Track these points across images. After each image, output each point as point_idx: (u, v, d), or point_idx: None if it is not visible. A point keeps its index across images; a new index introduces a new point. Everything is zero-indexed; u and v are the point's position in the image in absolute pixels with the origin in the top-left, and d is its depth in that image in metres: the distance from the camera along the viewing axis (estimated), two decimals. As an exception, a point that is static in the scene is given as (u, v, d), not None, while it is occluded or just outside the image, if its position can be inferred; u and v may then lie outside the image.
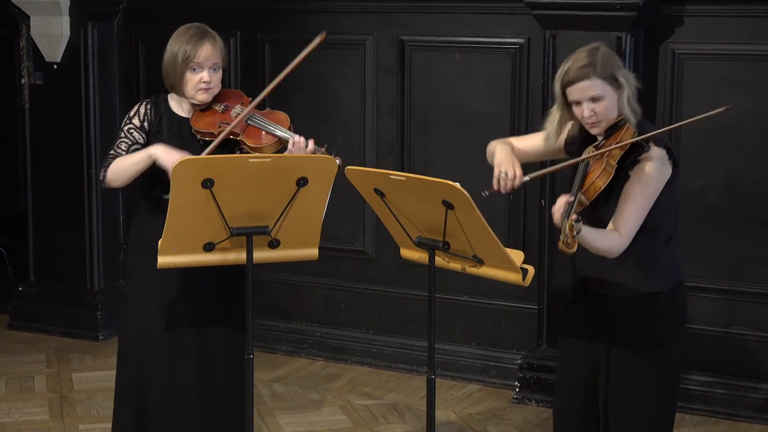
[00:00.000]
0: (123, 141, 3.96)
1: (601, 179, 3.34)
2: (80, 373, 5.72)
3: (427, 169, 5.49)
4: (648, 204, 3.41)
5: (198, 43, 3.93)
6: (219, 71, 3.97)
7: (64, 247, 6.32)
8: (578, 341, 3.58)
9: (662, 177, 3.44)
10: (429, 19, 5.57)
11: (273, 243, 3.64)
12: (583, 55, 3.47)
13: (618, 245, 3.38)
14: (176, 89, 3.98)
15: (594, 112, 3.44)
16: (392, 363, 5.79)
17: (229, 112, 3.96)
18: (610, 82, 3.44)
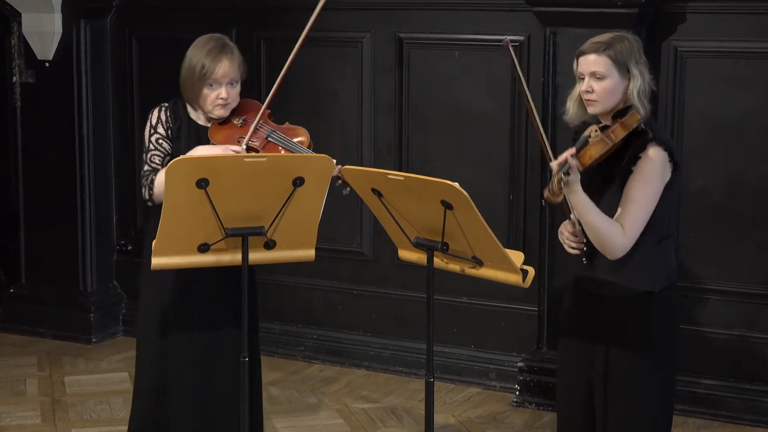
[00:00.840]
0: (155, 154, 3.97)
1: (597, 147, 3.38)
2: (73, 377, 5.72)
3: (425, 169, 5.49)
4: (651, 204, 3.43)
5: (216, 58, 3.92)
6: (237, 86, 3.98)
7: (56, 248, 6.32)
8: (575, 342, 3.62)
9: (663, 178, 3.46)
10: (427, 16, 5.57)
11: (269, 244, 3.63)
12: (607, 35, 3.52)
13: (621, 240, 3.41)
14: (192, 102, 3.99)
15: (593, 89, 3.48)
16: (390, 366, 5.79)
17: (248, 126, 3.96)
18: (619, 68, 3.47)
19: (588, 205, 3.39)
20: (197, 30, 5.89)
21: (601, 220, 3.40)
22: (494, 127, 5.47)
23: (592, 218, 3.40)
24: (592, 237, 3.44)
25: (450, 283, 5.18)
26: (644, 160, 3.43)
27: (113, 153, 6.31)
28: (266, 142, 3.93)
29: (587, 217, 3.40)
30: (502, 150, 5.46)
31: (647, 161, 3.43)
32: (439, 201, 3.33)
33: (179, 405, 4.02)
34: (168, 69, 4.41)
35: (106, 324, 6.30)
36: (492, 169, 5.48)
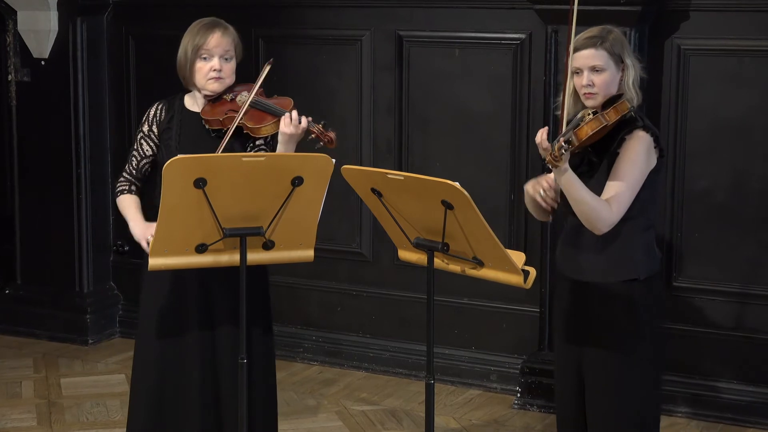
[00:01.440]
0: (134, 156, 4.07)
1: (592, 124, 3.49)
2: (69, 379, 5.72)
3: (425, 168, 5.49)
4: (636, 184, 3.56)
5: (208, 31, 3.98)
6: (232, 61, 4.01)
7: (52, 249, 6.32)
8: (566, 335, 3.72)
9: (649, 161, 3.59)
10: (428, 13, 5.57)
11: (267, 244, 3.64)
12: (596, 29, 3.68)
13: (607, 214, 3.51)
14: (188, 81, 4.02)
15: (592, 83, 3.61)
16: (390, 367, 5.79)
17: (237, 99, 3.98)
18: (615, 60, 3.63)
19: (576, 181, 3.49)
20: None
21: (588, 195, 3.50)
22: (495, 126, 5.47)
23: (580, 194, 3.49)
24: (580, 212, 3.52)
25: (450, 284, 5.18)
26: (630, 141, 3.58)
27: (110, 152, 6.31)
28: (249, 109, 3.94)
29: (575, 193, 3.49)
30: (502, 149, 5.46)
31: (633, 143, 3.58)
32: (439, 201, 3.33)
33: (181, 407, 4.01)
34: (166, 67, 4.42)
35: (103, 325, 6.30)
36: (493, 169, 5.48)
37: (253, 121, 3.93)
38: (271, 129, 3.93)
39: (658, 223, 5.14)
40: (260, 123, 3.92)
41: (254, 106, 3.96)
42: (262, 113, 3.95)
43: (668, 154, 5.11)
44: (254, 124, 3.92)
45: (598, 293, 3.62)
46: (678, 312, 5.19)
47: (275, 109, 3.95)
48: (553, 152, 3.37)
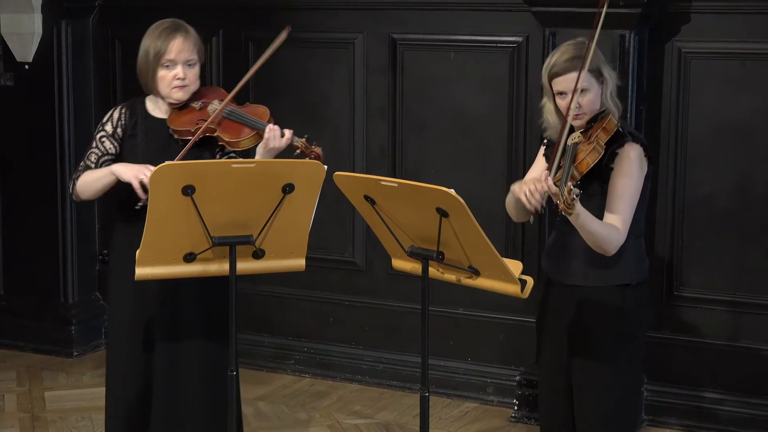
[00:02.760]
0: (93, 152, 4.01)
1: (591, 156, 3.56)
2: (53, 392, 5.71)
3: (420, 175, 5.50)
4: (635, 197, 3.64)
5: (169, 37, 3.94)
6: (195, 67, 3.98)
7: (36, 259, 6.31)
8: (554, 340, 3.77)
9: (642, 171, 3.67)
10: (422, 16, 5.58)
11: (257, 253, 3.64)
12: (570, 47, 3.71)
13: (617, 236, 3.59)
14: (150, 88, 3.99)
15: (580, 105, 3.65)
16: (384, 380, 5.79)
17: (207, 108, 3.97)
18: (595, 76, 3.68)
19: (587, 217, 3.53)
20: (183, 31, 5.92)
21: (599, 227, 3.56)
22: (491, 131, 5.47)
23: (593, 227, 3.55)
24: (591, 242, 3.58)
25: (446, 293, 5.18)
26: (622, 156, 3.64)
27: (95, 159, 6.30)
28: (222, 120, 3.93)
29: (588, 227, 3.54)
30: (499, 155, 5.46)
31: (626, 157, 3.64)
32: (434, 208, 3.33)
33: (153, 418, 4.02)
34: (152, 71, 4.40)
35: (88, 337, 6.29)
36: (489, 175, 5.48)
37: (229, 134, 3.90)
38: (250, 142, 3.92)
39: (659, 230, 5.17)
40: (238, 136, 3.90)
41: (229, 117, 3.94)
42: (239, 125, 3.93)
43: (669, 159, 5.12)
44: (232, 137, 3.90)
45: (590, 297, 3.68)
46: (679, 322, 5.20)
47: (253, 121, 3.93)
48: (565, 200, 3.38)
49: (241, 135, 3.91)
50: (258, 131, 3.91)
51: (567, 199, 3.38)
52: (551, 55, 3.74)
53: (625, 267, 3.68)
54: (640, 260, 3.74)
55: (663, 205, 5.16)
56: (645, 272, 3.77)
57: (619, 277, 3.68)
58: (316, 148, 3.97)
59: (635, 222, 3.67)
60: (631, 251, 3.68)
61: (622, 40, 4.92)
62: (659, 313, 5.17)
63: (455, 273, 3.50)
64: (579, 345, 3.71)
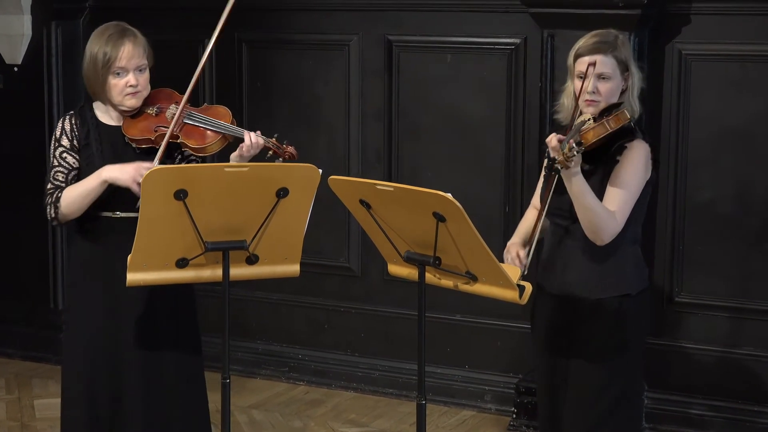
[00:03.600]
0: (59, 171, 3.89)
1: (597, 130, 3.51)
2: (43, 400, 5.71)
3: (416, 179, 5.50)
4: (635, 193, 3.61)
5: (118, 43, 3.87)
6: (146, 72, 3.91)
7: (25, 264, 6.30)
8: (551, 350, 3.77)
9: (646, 172, 3.65)
10: (418, 17, 5.58)
11: (251, 259, 3.64)
12: (602, 32, 3.69)
13: (613, 222, 3.55)
14: (100, 96, 3.92)
15: (597, 90, 3.62)
16: (379, 387, 5.79)
17: (164, 113, 3.90)
18: (621, 68, 3.65)
19: (584, 186, 3.51)
20: (175, 32, 5.94)
21: (597, 204, 3.54)
22: (489, 134, 5.48)
23: (588, 201, 3.52)
24: (585, 220, 3.56)
25: (443, 299, 5.18)
26: (630, 150, 3.63)
27: (86, 162, 6.30)
28: (184, 126, 3.87)
29: (584, 200, 3.52)
30: (497, 158, 5.47)
31: (633, 150, 3.62)
32: (430, 213, 3.33)
33: None
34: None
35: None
36: (487, 179, 5.48)
37: (194, 140, 3.84)
38: (216, 147, 3.86)
39: (659, 236, 5.17)
40: (203, 142, 3.84)
41: (189, 122, 3.88)
42: (202, 130, 3.87)
43: (669, 163, 5.13)
44: (197, 143, 3.84)
45: (588, 308, 3.66)
46: (679, 328, 5.20)
47: (217, 124, 3.87)
48: (564, 152, 3.39)
49: (206, 140, 3.84)
50: (224, 135, 3.86)
51: (566, 153, 3.38)
52: (582, 38, 3.71)
53: (624, 276, 3.66)
54: (638, 268, 3.72)
55: (663, 210, 5.17)
56: (645, 280, 3.74)
57: (619, 287, 3.65)
58: (289, 148, 3.93)
59: (632, 226, 3.65)
60: (628, 258, 3.67)
61: (621, 42, 4.92)
62: (659, 320, 5.17)
63: (452, 279, 3.50)
64: (575, 356, 3.69)
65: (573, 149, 3.39)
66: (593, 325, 3.66)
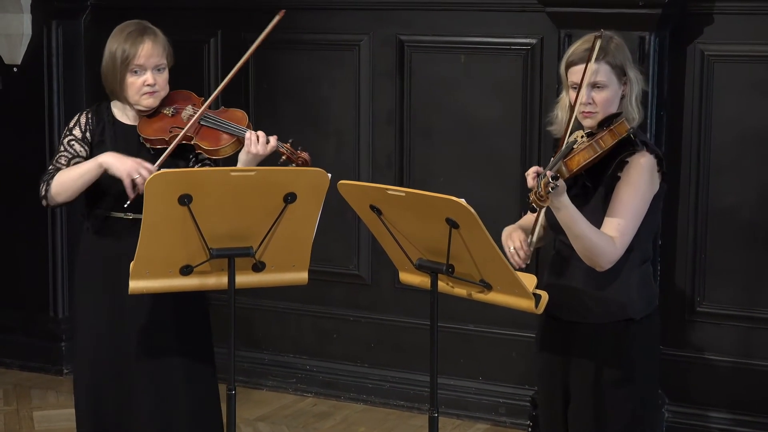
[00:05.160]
0: (63, 155, 3.96)
1: (585, 153, 3.42)
2: (42, 411, 5.72)
3: (428, 184, 5.50)
4: (640, 212, 3.49)
5: (137, 41, 3.92)
6: (164, 72, 3.96)
7: (24, 271, 6.31)
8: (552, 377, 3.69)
9: (652, 186, 3.53)
10: (430, 16, 5.59)
11: (257, 266, 3.64)
12: (592, 37, 3.55)
13: (611, 248, 3.44)
14: (118, 95, 3.97)
15: (593, 100, 3.52)
16: (390, 399, 5.79)
17: (180, 114, 3.95)
18: (617, 73, 3.54)
19: (575, 214, 3.40)
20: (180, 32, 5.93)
21: (589, 230, 3.42)
22: (504, 137, 5.47)
23: (580, 229, 3.41)
24: (579, 248, 3.46)
25: (456, 309, 5.18)
26: (632, 165, 3.50)
27: (87, 166, 6.31)
28: (200, 127, 3.92)
29: (575, 228, 3.42)
30: (512, 163, 5.46)
31: (635, 166, 3.50)
32: (443, 219, 3.33)
33: None
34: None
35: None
36: (501, 184, 5.48)
37: (208, 141, 3.89)
38: (231, 149, 3.91)
39: (680, 243, 5.16)
40: (217, 144, 3.89)
41: (206, 123, 3.93)
42: (217, 132, 3.92)
43: (691, 168, 5.12)
44: (211, 145, 3.88)
45: (591, 333, 3.58)
46: (701, 339, 5.19)
47: (232, 126, 3.91)
48: (538, 190, 3.26)
49: (221, 142, 3.89)
50: (238, 137, 3.90)
51: (541, 189, 3.24)
52: (573, 43, 3.62)
53: (627, 300, 3.55)
54: (645, 290, 3.60)
55: (684, 216, 5.16)
56: (653, 303, 3.63)
57: (622, 312, 3.55)
58: (303, 154, 3.96)
59: (639, 245, 3.53)
60: (634, 280, 3.55)
61: (641, 43, 4.92)
62: (680, 330, 5.16)
63: (466, 287, 3.49)
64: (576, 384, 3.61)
65: (549, 184, 3.24)
66: (594, 352, 3.57)
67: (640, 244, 3.54)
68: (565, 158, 3.43)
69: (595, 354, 3.58)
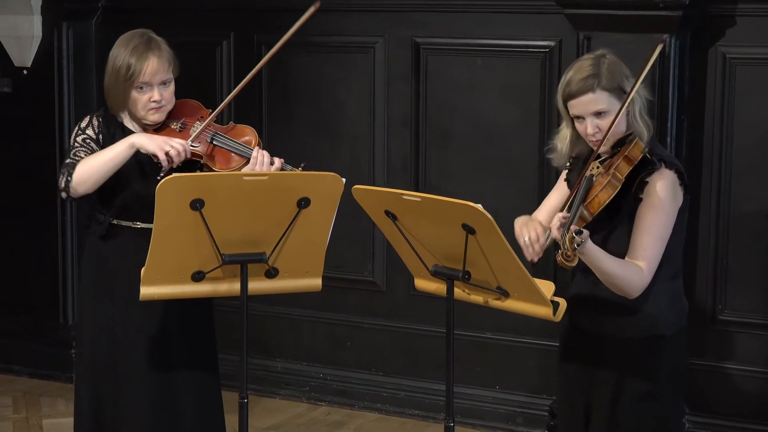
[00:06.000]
0: (81, 149, 3.92)
1: (605, 192, 3.42)
2: (52, 420, 5.73)
3: (444, 189, 5.50)
4: (666, 232, 3.48)
5: (142, 56, 3.88)
6: (171, 85, 3.94)
7: (33, 276, 6.33)
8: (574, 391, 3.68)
9: (675, 202, 3.52)
10: (447, 18, 5.59)
11: (270, 272, 3.64)
12: (586, 64, 3.55)
13: (639, 278, 3.45)
14: (119, 110, 3.96)
15: (599, 128, 3.52)
16: (405, 408, 5.79)
17: (188, 129, 3.95)
18: (617, 95, 3.52)
19: (600, 255, 3.41)
20: (191, 34, 5.96)
21: (615, 266, 3.43)
22: (521, 142, 5.47)
23: (606, 267, 3.43)
24: (607, 283, 3.48)
25: (472, 316, 5.18)
26: (653, 185, 3.49)
27: (97, 170, 6.32)
28: (211, 147, 3.91)
29: (601, 267, 3.43)
30: (529, 168, 5.46)
31: (657, 186, 3.49)
32: (459, 225, 3.33)
33: None
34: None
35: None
36: (518, 189, 5.48)
37: (219, 164, 3.88)
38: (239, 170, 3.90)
39: (701, 249, 5.15)
40: (228, 166, 3.87)
41: (216, 143, 3.91)
42: (227, 153, 3.91)
43: (712, 172, 5.11)
44: (222, 167, 3.87)
45: (618, 348, 3.57)
46: (722, 348, 5.18)
47: (241, 148, 3.90)
48: (565, 250, 3.28)
49: (231, 164, 3.88)
50: (248, 159, 3.88)
51: (568, 249, 3.27)
52: (566, 72, 3.59)
53: (658, 317, 3.54)
54: (675, 306, 3.60)
55: (705, 222, 5.14)
56: (683, 319, 3.62)
57: (652, 328, 3.55)
58: None
59: (669, 261, 3.53)
60: (664, 297, 3.55)
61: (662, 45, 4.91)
62: (701, 340, 5.15)
63: (482, 294, 3.49)
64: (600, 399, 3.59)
65: (574, 241, 3.26)
66: (620, 367, 3.56)
67: (669, 258, 3.53)
68: (584, 202, 3.43)
69: (621, 369, 3.57)
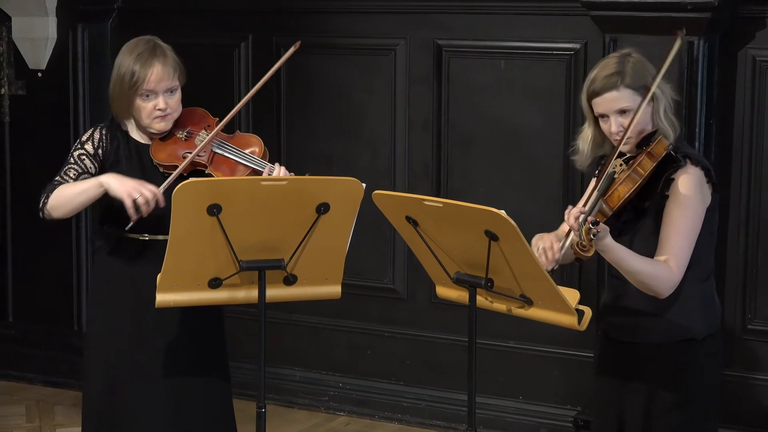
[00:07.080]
0: (72, 168, 3.95)
1: (624, 186, 3.43)
2: (65, 428, 5.74)
3: (466, 194, 5.50)
4: (694, 230, 3.48)
5: (147, 63, 3.88)
6: (177, 92, 3.94)
7: (47, 283, 6.35)
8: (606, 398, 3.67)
9: (703, 199, 3.51)
10: (470, 20, 5.59)
11: (289, 279, 3.65)
12: (611, 62, 3.58)
13: (668, 275, 3.44)
14: (124, 118, 3.96)
15: (623, 127, 3.52)
16: (426, 419, 5.78)
17: (193, 139, 3.95)
18: (641, 93, 3.52)
19: (623, 252, 3.41)
20: (208, 36, 5.98)
21: (641, 264, 3.43)
22: (545, 146, 5.47)
23: (630, 265, 3.43)
24: (635, 282, 3.47)
25: (495, 325, 5.17)
26: (678, 182, 3.49)
27: (113, 175, 6.34)
28: (213, 155, 3.92)
29: (625, 266, 3.43)
30: (553, 173, 5.45)
31: (683, 182, 3.49)
32: (482, 231, 3.33)
33: None
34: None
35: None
36: (542, 195, 5.47)
37: (223, 173, 3.88)
38: None
39: (730, 257, 5.13)
40: (232, 175, 3.87)
41: (222, 152, 3.92)
42: (233, 163, 3.91)
43: (742, 177, 5.10)
44: (226, 176, 3.86)
45: (649, 355, 3.56)
46: (752, 359, 5.16)
47: (247, 158, 3.90)
48: (581, 241, 3.29)
49: (236, 174, 3.88)
50: (254, 170, 3.88)
51: (584, 239, 3.28)
52: (591, 71, 3.62)
53: (689, 320, 3.53)
54: (708, 308, 3.58)
55: (735, 229, 5.13)
56: (716, 322, 3.60)
57: (683, 332, 3.53)
58: None
59: (699, 262, 3.52)
60: (695, 299, 3.54)
61: (690, 48, 4.91)
62: (731, 350, 5.13)
63: (505, 302, 3.49)
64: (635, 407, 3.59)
65: (590, 232, 3.27)
66: (652, 375, 3.56)
67: (699, 259, 3.53)
68: (604, 196, 3.44)
69: (653, 377, 3.56)
